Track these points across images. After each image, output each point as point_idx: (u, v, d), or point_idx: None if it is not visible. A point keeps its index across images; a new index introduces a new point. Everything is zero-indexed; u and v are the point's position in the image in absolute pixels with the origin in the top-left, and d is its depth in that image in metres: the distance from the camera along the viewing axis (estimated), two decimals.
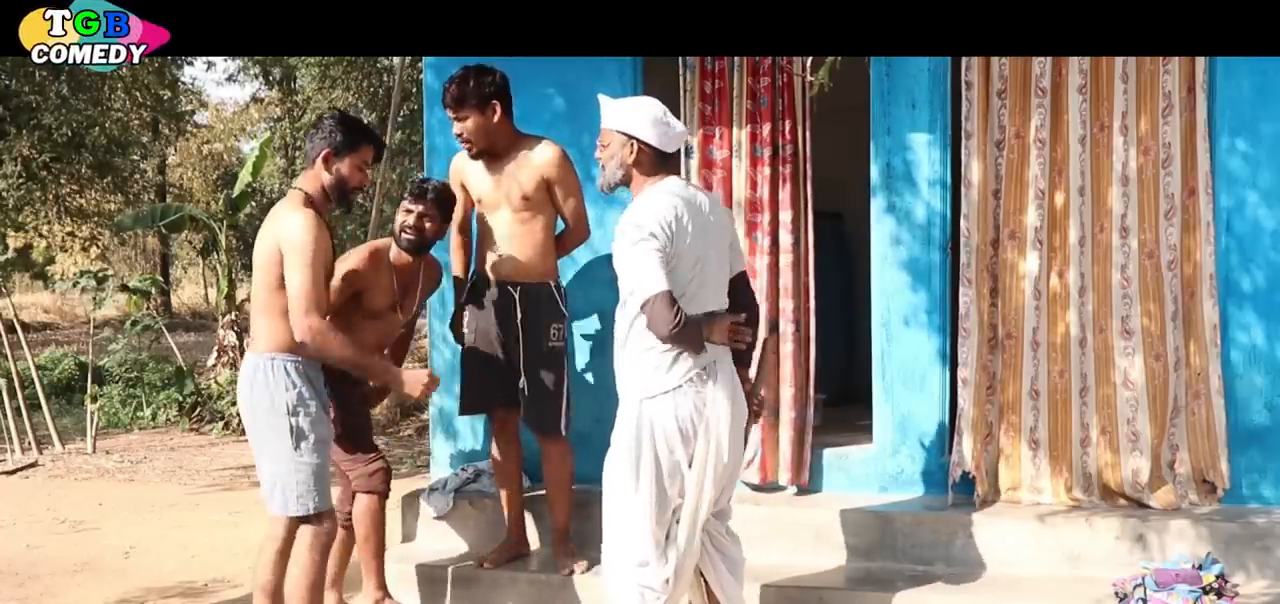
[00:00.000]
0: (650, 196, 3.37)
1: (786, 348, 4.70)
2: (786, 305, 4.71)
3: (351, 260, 4.15)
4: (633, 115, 3.43)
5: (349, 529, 4.25)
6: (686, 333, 3.27)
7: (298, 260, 3.48)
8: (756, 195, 4.72)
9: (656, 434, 3.37)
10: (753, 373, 3.69)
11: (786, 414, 4.71)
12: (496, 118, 4.23)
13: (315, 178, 3.67)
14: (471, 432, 5.11)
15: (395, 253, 4.23)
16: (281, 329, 3.58)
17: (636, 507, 3.40)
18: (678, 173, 3.53)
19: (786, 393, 4.71)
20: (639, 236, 3.26)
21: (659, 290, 3.22)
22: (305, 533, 3.65)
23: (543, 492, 4.72)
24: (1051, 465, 4.54)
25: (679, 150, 3.57)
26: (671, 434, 3.36)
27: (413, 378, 3.80)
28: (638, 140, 3.40)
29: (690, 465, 3.40)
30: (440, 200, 4.21)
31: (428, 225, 4.17)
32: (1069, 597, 4.00)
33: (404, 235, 4.15)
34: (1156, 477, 4.44)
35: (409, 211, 4.15)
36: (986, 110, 4.57)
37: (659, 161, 3.43)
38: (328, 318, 3.60)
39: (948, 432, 4.66)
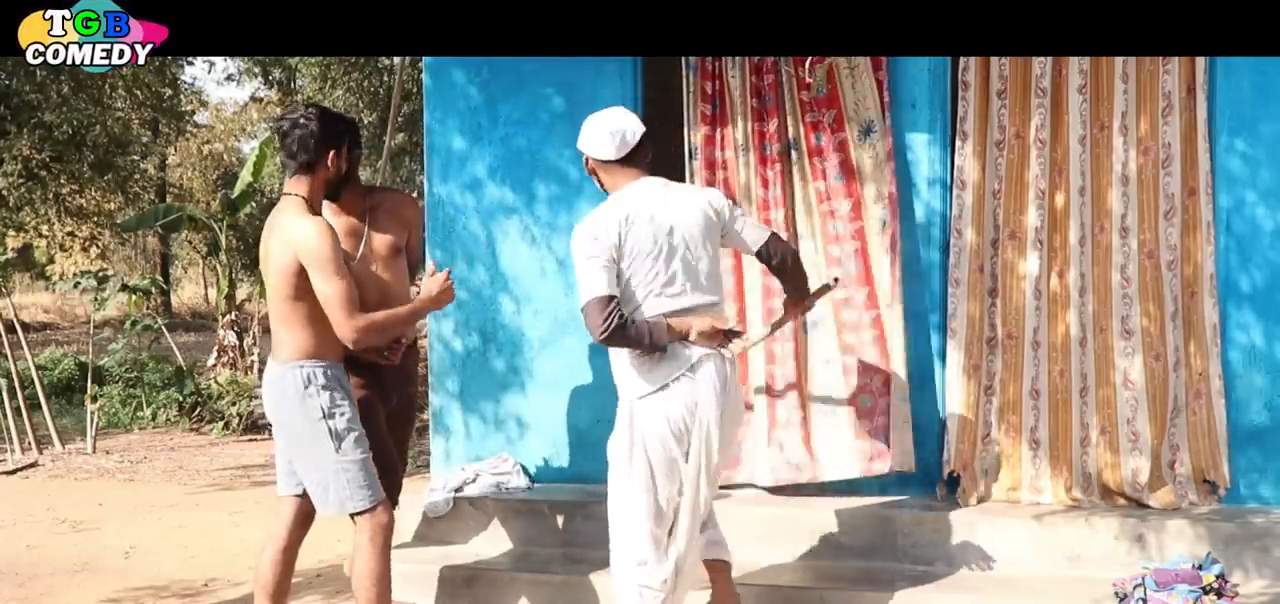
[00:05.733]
0: (604, 204, 3.55)
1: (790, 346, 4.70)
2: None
3: None
4: (582, 133, 3.62)
5: None
6: (622, 338, 3.38)
7: (326, 269, 3.47)
8: (766, 194, 4.71)
9: (649, 434, 3.43)
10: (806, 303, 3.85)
11: (795, 414, 4.70)
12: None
13: (316, 180, 3.62)
14: (471, 432, 5.12)
15: (326, 205, 3.90)
16: (304, 337, 3.57)
17: (633, 506, 3.45)
18: (645, 172, 3.59)
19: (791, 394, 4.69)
20: (579, 245, 3.46)
21: (592, 296, 3.38)
22: (362, 527, 3.65)
23: (542, 491, 4.73)
24: (1052, 465, 4.55)
25: (639, 150, 3.59)
26: (663, 433, 3.42)
27: (434, 288, 3.82)
28: (585, 154, 3.62)
29: (686, 460, 3.44)
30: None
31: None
32: (1069, 597, 4.00)
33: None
34: (1156, 477, 4.44)
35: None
36: (986, 110, 4.57)
37: (612, 168, 3.57)
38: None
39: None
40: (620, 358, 3.51)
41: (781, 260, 3.70)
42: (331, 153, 3.62)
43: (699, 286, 3.53)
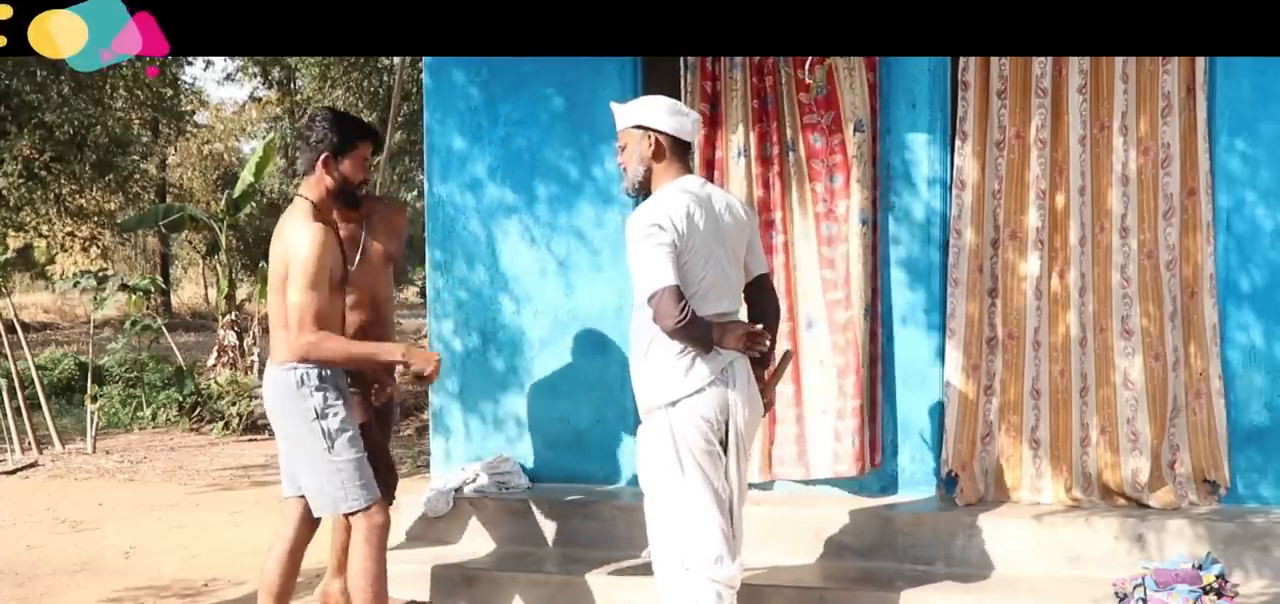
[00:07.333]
0: (665, 193, 3.40)
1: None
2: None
3: None
4: (647, 109, 3.47)
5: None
6: (693, 330, 3.29)
7: (298, 278, 3.50)
8: (767, 196, 4.71)
9: (689, 433, 3.39)
10: (767, 375, 3.69)
11: (790, 411, 4.71)
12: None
13: (318, 183, 3.65)
14: (471, 432, 5.12)
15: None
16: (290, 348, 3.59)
17: (699, 507, 3.41)
18: (692, 172, 3.56)
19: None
20: (649, 231, 3.29)
21: (667, 284, 3.24)
22: (357, 528, 3.66)
23: (542, 491, 4.73)
24: (1052, 465, 4.55)
25: (692, 148, 3.59)
26: (703, 429, 3.39)
27: (422, 354, 3.77)
28: (654, 131, 3.44)
29: (725, 453, 3.45)
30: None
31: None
32: (1069, 597, 4.00)
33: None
34: (1156, 477, 4.44)
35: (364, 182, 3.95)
36: (986, 110, 4.57)
37: (676, 152, 3.46)
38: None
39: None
40: (654, 359, 3.42)
41: (767, 302, 3.67)
42: (325, 157, 3.62)
43: (730, 295, 3.51)
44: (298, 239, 3.53)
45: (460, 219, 5.09)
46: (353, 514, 3.64)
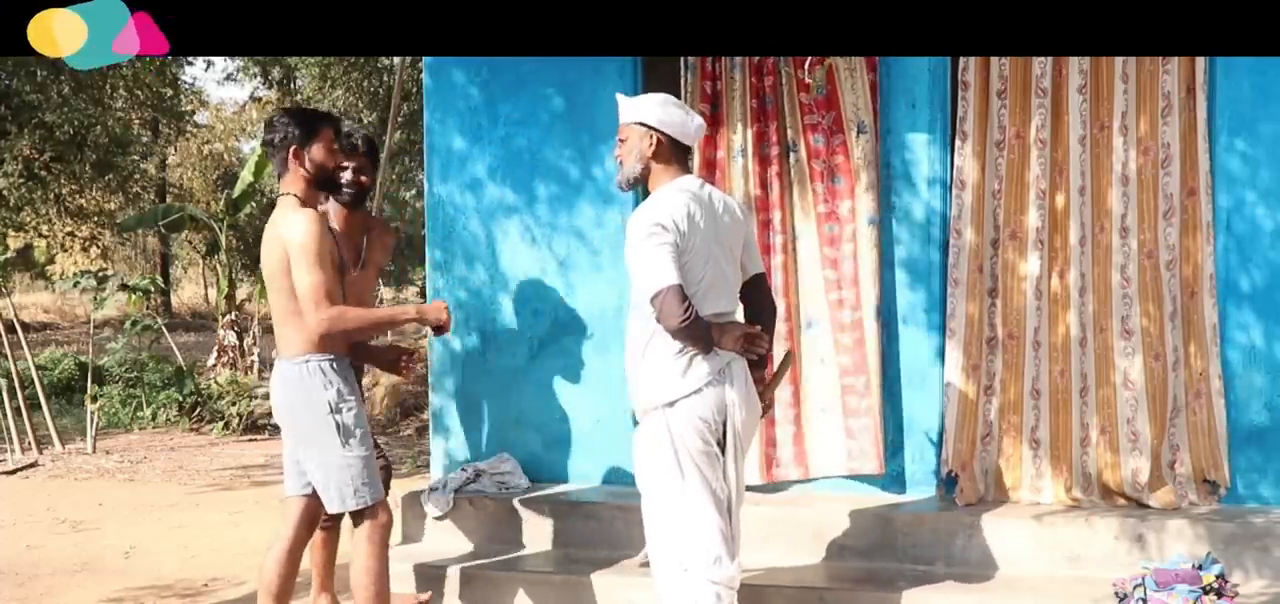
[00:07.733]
0: (665, 193, 3.39)
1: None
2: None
3: None
4: (651, 106, 3.46)
5: (329, 529, 4.24)
6: (696, 330, 3.28)
7: (303, 260, 3.51)
8: (766, 196, 4.72)
9: (688, 433, 3.37)
10: (767, 375, 3.69)
11: (789, 412, 4.72)
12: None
13: (296, 178, 3.67)
14: (471, 432, 5.12)
15: (335, 212, 4.18)
16: (309, 331, 3.60)
17: (699, 509, 3.40)
18: (692, 173, 3.56)
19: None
20: (651, 231, 3.27)
21: (671, 283, 3.22)
22: (361, 526, 3.67)
23: (542, 491, 4.73)
24: (1052, 465, 4.55)
25: (692, 148, 3.58)
26: (701, 429, 3.37)
27: (433, 308, 3.87)
28: (656, 131, 3.43)
29: (722, 453, 3.43)
30: (372, 150, 4.29)
31: (364, 178, 4.21)
32: (1069, 597, 4.00)
33: (345, 190, 4.15)
34: (1156, 477, 4.44)
35: (344, 167, 4.09)
36: (986, 110, 4.57)
37: (677, 154, 3.46)
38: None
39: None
40: (652, 360, 3.40)
41: (763, 302, 3.67)
42: (294, 150, 3.64)
43: (728, 295, 3.51)
44: (291, 226, 3.54)
45: (460, 219, 5.09)
46: (358, 513, 3.65)
